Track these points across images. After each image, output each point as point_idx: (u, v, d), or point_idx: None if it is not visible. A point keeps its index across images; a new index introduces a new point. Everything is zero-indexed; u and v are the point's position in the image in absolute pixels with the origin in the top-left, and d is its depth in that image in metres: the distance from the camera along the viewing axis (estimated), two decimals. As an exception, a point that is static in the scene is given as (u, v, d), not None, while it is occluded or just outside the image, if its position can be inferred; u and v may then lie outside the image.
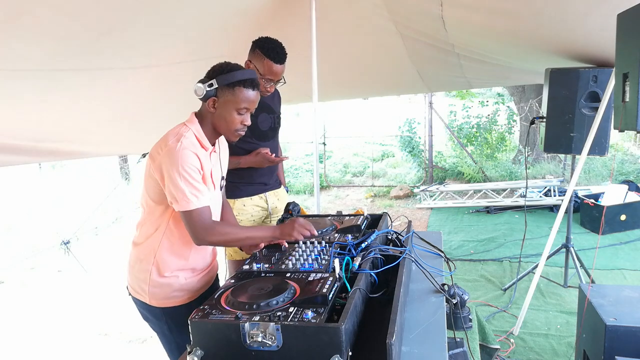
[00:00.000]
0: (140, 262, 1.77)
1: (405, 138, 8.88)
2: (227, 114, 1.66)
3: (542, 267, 3.33)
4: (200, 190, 1.61)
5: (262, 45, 2.26)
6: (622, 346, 2.03)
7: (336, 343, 1.18)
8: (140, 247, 1.77)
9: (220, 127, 1.70)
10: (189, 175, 1.58)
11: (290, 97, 5.82)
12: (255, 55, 2.27)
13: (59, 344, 3.67)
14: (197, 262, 1.83)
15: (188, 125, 1.69)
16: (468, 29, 3.17)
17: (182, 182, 1.57)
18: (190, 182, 1.58)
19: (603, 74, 3.06)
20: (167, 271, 1.74)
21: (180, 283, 1.78)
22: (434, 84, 5.67)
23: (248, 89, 1.65)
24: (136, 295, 1.81)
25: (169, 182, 1.59)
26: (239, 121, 1.68)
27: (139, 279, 1.78)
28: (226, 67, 1.65)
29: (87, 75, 2.73)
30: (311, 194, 8.07)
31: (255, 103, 1.70)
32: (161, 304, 1.77)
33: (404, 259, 1.69)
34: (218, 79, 1.62)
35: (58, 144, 3.66)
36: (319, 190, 3.37)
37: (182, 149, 1.58)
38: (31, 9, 1.86)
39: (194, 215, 1.60)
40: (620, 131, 2.12)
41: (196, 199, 1.59)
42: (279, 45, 2.29)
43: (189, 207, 1.59)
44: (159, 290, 1.75)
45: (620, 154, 8.63)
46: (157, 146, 1.66)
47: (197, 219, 1.61)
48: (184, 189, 1.57)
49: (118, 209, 7.36)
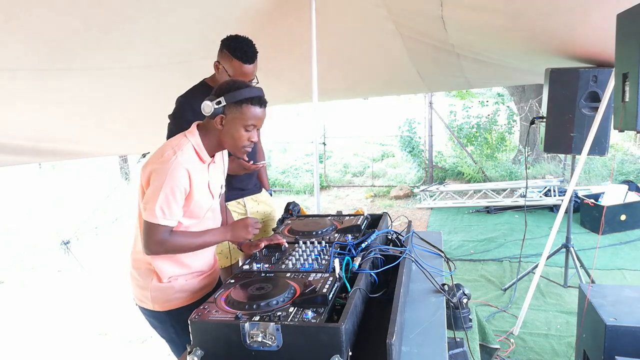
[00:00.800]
0: (139, 270, 1.79)
1: (405, 138, 8.88)
2: (235, 131, 1.66)
3: (542, 267, 3.33)
4: (171, 210, 1.60)
5: (229, 45, 2.14)
6: (622, 346, 2.03)
7: (336, 343, 1.18)
8: (138, 256, 1.78)
9: (227, 143, 1.71)
10: (170, 192, 1.58)
11: (290, 97, 5.83)
12: (223, 56, 2.16)
13: (59, 344, 3.67)
14: (197, 266, 1.83)
15: (188, 137, 1.69)
16: (468, 29, 3.17)
17: (160, 194, 1.57)
18: (167, 197, 1.58)
19: (603, 74, 3.06)
20: (165, 277, 1.76)
21: (181, 284, 1.78)
22: (434, 84, 5.67)
23: (255, 106, 1.65)
24: (141, 304, 1.83)
25: (150, 188, 1.60)
26: (246, 138, 1.69)
27: (141, 287, 1.80)
28: (234, 85, 1.66)
29: (87, 75, 2.74)
30: (311, 194, 8.07)
31: (262, 120, 1.70)
32: (164, 307, 1.78)
33: (404, 259, 1.69)
34: (226, 97, 1.62)
35: (58, 144, 3.66)
36: (319, 190, 3.37)
37: (175, 164, 1.59)
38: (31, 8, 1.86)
39: (152, 228, 1.60)
40: (620, 131, 2.12)
41: (162, 215, 1.59)
42: (248, 43, 2.16)
43: (151, 219, 1.59)
44: (161, 294, 1.76)
45: (620, 154, 8.62)
46: (154, 156, 1.66)
47: (153, 233, 1.60)
48: (158, 200, 1.57)
49: (118, 209, 7.36)
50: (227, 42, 2.14)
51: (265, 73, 4.13)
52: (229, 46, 2.13)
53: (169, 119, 2.25)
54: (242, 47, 2.12)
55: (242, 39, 2.15)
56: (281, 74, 4.18)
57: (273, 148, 10.76)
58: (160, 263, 1.74)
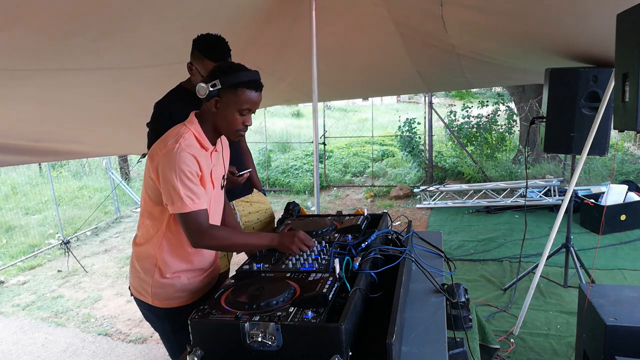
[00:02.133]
0: (142, 262, 1.76)
1: (405, 138, 8.88)
2: (229, 114, 1.65)
3: (542, 267, 3.33)
4: (196, 193, 1.59)
5: (200, 45, 2.05)
6: (622, 346, 2.02)
7: (336, 343, 1.18)
8: (142, 248, 1.77)
9: (222, 127, 1.69)
10: (186, 177, 1.57)
11: (290, 97, 5.84)
12: (195, 57, 2.07)
13: (59, 344, 3.67)
14: (199, 262, 1.82)
15: (188, 125, 1.68)
16: (468, 29, 3.17)
17: (178, 184, 1.56)
18: (186, 184, 1.57)
19: (603, 74, 3.06)
20: (169, 272, 1.74)
21: (183, 283, 1.77)
22: (434, 84, 5.67)
23: (251, 90, 1.63)
24: (139, 296, 1.81)
25: (165, 184, 1.58)
26: (241, 122, 1.67)
27: (141, 279, 1.77)
28: (230, 68, 1.64)
29: (87, 75, 2.74)
30: (311, 194, 8.07)
31: (257, 104, 1.69)
32: (164, 305, 1.77)
33: (404, 259, 1.69)
34: (221, 79, 1.60)
35: (58, 144, 3.66)
36: (319, 190, 3.37)
37: (180, 151, 1.57)
38: (31, 8, 1.86)
39: (189, 218, 1.59)
40: (620, 131, 2.12)
41: (191, 202, 1.57)
42: (219, 41, 2.06)
43: (183, 209, 1.57)
44: (162, 291, 1.75)
45: (620, 154, 8.62)
46: (157, 146, 1.65)
47: (192, 221, 1.59)
48: (180, 190, 1.56)
49: (118, 209, 7.37)
50: (198, 42, 2.07)
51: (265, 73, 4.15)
52: (200, 46, 2.05)
53: (147, 127, 2.17)
54: (213, 45, 2.04)
55: (213, 37, 2.06)
56: (281, 74, 4.18)
57: (273, 148, 10.77)
58: (166, 256, 1.72)
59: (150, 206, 1.71)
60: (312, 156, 5.75)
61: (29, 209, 7.43)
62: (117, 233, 6.52)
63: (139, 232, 1.80)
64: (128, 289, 1.87)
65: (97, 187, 8.63)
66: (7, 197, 7.40)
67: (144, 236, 1.76)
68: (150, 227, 1.73)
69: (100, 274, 5.04)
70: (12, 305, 4.41)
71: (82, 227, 6.45)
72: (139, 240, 1.79)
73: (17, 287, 4.83)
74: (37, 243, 6.11)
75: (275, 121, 13.95)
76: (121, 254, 5.64)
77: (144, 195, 1.73)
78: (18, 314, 4.22)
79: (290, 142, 11.64)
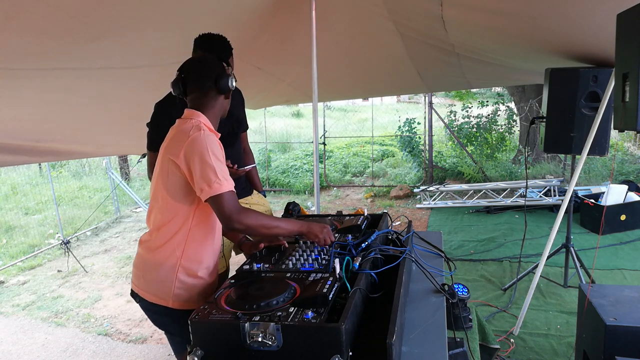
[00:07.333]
0: (162, 266, 1.69)
1: (405, 138, 8.88)
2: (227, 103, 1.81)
3: (542, 267, 3.33)
4: (227, 174, 1.61)
5: (202, 44, 2.05)
6: (622, 346, 2.02)
7: (336, 343, 1.18)
8: (160, 251, 1.70)
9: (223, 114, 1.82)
10: (217, 159, 1.58)
11: (290, 97, 5.83)
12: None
13: (59, 344, 3.67)
14: (213, 260, 1.79)
15: (195, 117, 1.68)
16: (468, 29, 3.17)
17: (214, 164, 1.56)
18: (220, 165, 1.58)
19: (603, 74, 3.06)
20: (197, 271, 1.72)
21: (208, 283, 1.76)
22: (434, 84, 5.67)
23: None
24: (155, 300, 1.73)
25: (198, 167, 1.56)
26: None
27: (160, 282, 1.71)
28: None
29: (87, 74, 2.74)
30: (311, 194, 8.07)
31: None
32: (184, 306, 1.71)
33: (404, 259, 1.69)
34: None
35: (58, 144, 3.66)
36: (319, 190, 3.37)
37: (207, 135, 1.60)
38: (30, 7, 1.86)
39: (226, 197, 1.56)
40: (620, 131, 2.12)
41: (226, 182, 1.58)
42: (220, 40, 2.07)
43: (221, 189, 1.55)
44: (185, 292, 1.71)
45: (620, 154, 8.62)
46: (177, 142, 1.63)
47: (229, 201, 1.57)
48: (217, 170, 1.56)
49: (118, 209, 7.37)
50: (200, 41, 2.07)
51: (265, 73, 4.15)
52: (202, 45, 2.05)
53: (147, 127, 2.17)
54: (214, 44, 2.05)
55: (215, 36, 2.07)
56: (281, 74, 4.18)
57: (273, 148, 10.77)
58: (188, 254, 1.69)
59: (172, 205, 1.66)
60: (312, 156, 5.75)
61: (29, 209, 7.42)
62: (117, 233, 6.52)
63: (152, 235, 1.73)
64: (130, 294, 1.82)
65: (97, 187, 8.62)
66: (7, 197, 7.39)
67: (162, 238, 1.69)
68: (172, 227, 1.68)
69: (100, 274, 5.04)
70: (12, 305, 4.41)
71: (82, 227, 6.45)
72: (153, 243, 1.72)
73: (17, 287, 4.83)
74: (37, 243, 6.11)
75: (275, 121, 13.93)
76: (121, 254, 5.64)
77: (164, 197, 1.67)
78: (18, 314, 4.22)
79: (290, 142, 11.65)
